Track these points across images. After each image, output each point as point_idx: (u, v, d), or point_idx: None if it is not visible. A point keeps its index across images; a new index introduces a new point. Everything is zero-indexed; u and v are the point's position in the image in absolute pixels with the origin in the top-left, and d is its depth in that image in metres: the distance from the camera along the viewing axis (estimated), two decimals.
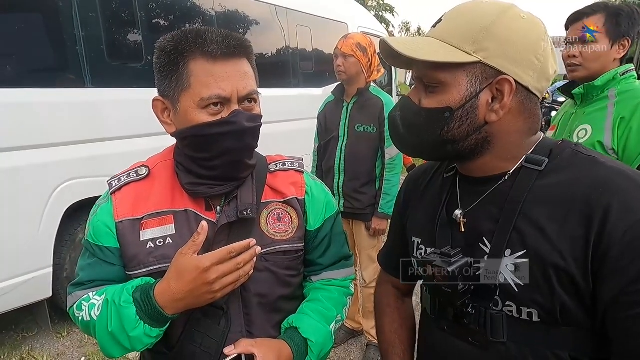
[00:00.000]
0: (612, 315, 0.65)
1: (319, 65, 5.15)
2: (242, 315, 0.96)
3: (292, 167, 1.06)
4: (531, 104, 0.74)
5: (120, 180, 0.97)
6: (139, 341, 0.87)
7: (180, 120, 0.89)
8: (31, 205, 2.64)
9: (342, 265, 1.09)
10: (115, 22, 3.14)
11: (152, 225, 0.93)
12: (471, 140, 0.74)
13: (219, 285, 0.82)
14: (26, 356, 2.83)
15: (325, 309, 1.02)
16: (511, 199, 0.73)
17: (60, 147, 2.74)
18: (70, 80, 2.85)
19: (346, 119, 2.53)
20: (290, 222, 1.00)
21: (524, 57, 0.70)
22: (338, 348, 2.86)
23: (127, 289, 0.88)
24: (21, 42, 2.61)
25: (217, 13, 3.95)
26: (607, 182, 0.67)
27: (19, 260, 2.61)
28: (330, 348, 1.02)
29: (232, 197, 0.96)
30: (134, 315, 0.85)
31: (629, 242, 0.62)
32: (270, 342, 0.94)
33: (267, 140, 4.22)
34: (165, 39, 0.89)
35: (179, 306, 0.85)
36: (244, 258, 0.82)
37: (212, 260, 0.81)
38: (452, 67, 0.71)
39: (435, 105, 0.73)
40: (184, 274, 0.82)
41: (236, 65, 0.88)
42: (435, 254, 0.77)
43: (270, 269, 0.98)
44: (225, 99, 0.86)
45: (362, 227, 2.60)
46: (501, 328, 0.73)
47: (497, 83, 0.71)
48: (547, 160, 0.73)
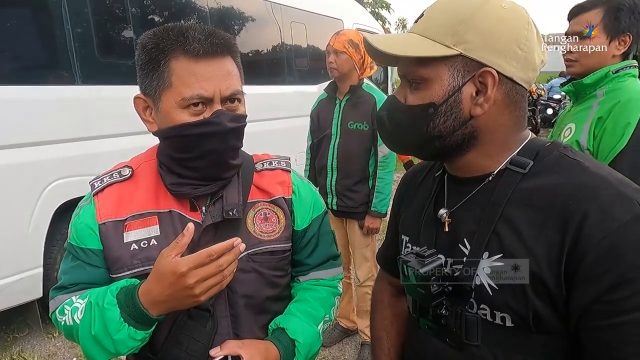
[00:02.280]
0: (584, 323, 0.64)
1: (313, 62, 5.12)
2: (228, 317, 0.95)
3: (279, 166, 1.04)
4: (517, 96, 0.73)
5: (102, 181, 0.95)
6: (123, 344, 0.84)
7: (161, 119, 0.88)
8: (21, 204, 2.61)
9: (330, 265, 1.08)
10: (106, 19, 3.10)
11: (136, 226, 0.91)
12: (458, 135, 0.73)
13: (199, 289, 0.79)
14: (17, 357, 2.80)
15: (313, 309, 1.01)
16: (493, 201, 0.72)
17: (50, 145, 2.71)
18: (61, 77, 2.82)
19: (339, 117, 2.51)
20: (277, 221, 0.99)
21: (505, 47, 0.69)
22: (332, 347, 2.85)
23: (110, 291, 0.86)
24: (10, 39, 2.57)
25: (210, 9, 3.92)
26: (587, 187, 0.65)
27: (8, 260, 2.58)
28: (318, 348, 1.01)
29: (217, 197, 0.94)
30: (118, 317, 0.83)
31: (606, 249, 0.61)
32: (257, 343, 0.93)
33: (263, 138, 4.20)
34: (147, 36, 0.87)
35: (162, 308, 0.83)
36: (226, 259, 0.79)
37: (189, 265, 0.77)
38: (434, 62, 0.70)
39: (420, 101, 0.73)
40: (162, 277, 0.80)
41: (219, 64, 0.86)
42: (411, 254, 0.77)
43: (257, 270, 0.96)
44: (207, 99, 0.84)
45: (355, 226, 2.58)
46: (475, 331, 0.73)
47: (479, 76, 0.69)
48: (532, 163, 0.72)
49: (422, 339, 0.83)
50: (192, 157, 0.88)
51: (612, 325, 0.61)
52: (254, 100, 4.44)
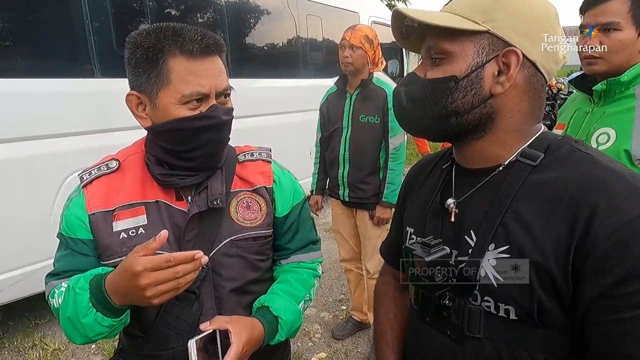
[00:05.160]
0: (590, 318, 0.63)
1: (329, 56, 5.11)
2: (213, 299, 1.00)
3: (260, 157, 1.10)
4: (537, 84, 0.73)
5: (91, 174, 1.00)
6: (91, 329, 0.87)
7: (158, 114, 0.92)
8: (42, 194, 2.68)
9: (309, 249, 1.15)
10: (125, 13, 3.14)
11: (125, 216, 0.96)
12: (475, 113, 0.72)
13: (151, 292, 0.79)
14: (38, 343, 2.89)
15: (294, 289, 1.07)
16: (501, 193, 0.72)
17: (71, 137, 2.78)
18: (81, 70, 2.87)
19: (350, 110, 2.52)
20: (259, 209, 1.05)
21: (533, 31, 0.70)
22: (346, 340, 2.87)
23: (84, 277, 0.90)
24: (33, 34, 2.63)
25: (227, 3, 3.94)
26: (598, 181, 0.64)
27: (30, 249, 2.65)
28: (299, 325, 1.08)
29: (202, 187, 1.00)
30: (87, 301, 0.86)
31: (614, 244, 0.60)
32: (244, 319, 0.97)
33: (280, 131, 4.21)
34: (141, 35, 0.90)
35: (122, 300, 0.85)
36: (183, 267, 0.79)
37: (145, 265, 0.77)
38: (461, 37, 0.71)
39: (441, 74, 0.73)
40: (123, 271, 0.81)
41: (212, 63, 0.91)
42: (417, 243, 0.78)
43: (241, 254, 1.02)
44: (205, 94, 0.90)
45: (366, 217, 2.59)
46: (478, 323, 0.72)
47: (503, 55, 0.70)
48: (543, 156, 0.71)
49: (424, 332, 0.83)
50: (190, 149, 0.93)
51: (619, 320, 0.60)
52: (271, 93, 4.45)
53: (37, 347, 2.85)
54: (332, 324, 3.07)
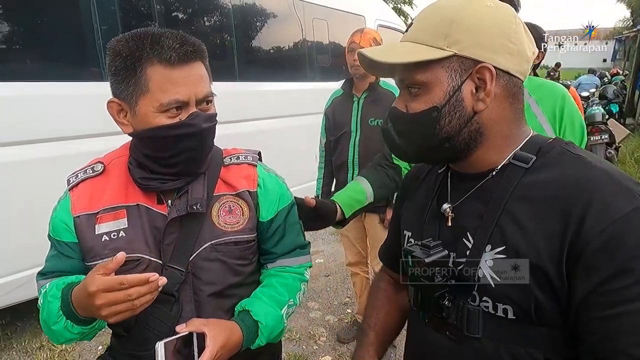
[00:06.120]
0: (582, 314, 0.64)
1: (335, 59, 5.12)
2: (192, 302, 1.00)
3: (246, 161, 1.09)
4: (515, 88, 0.75)
5: (77, 177, 1.02)
6: (61, 335, 0.92)
7: (138, 122, 0.92)
8: (57, 195, 2.68)
9: (297, 254, 1.13)
10: (132, 16, 3.16)
11: (107, 219, 0.98)
12: (465, 133, 0.74)
13: (106, 311, 0.80)
14: (46, 344, 2.91)
15: (278, 294, 1.06)
16: (496, 195, 0.73)
17: (80, 140, 2.79)
18: (92, 74, 2.90)
19: (358, 114, 2.51)
20: (242, 214, 1.04)
21: (497, 42, 0.71)
22: (351, 343, 2.86)
23: (57, 285, 0.93)
24: (43, 38, 2.66)
25: (233, 6, 3.96)
26: (589, 180, 0.66)
27: (40, 250, 2.66)
28: (280, 330, 1.07)
29: (183, 191, 0.99)
30: (57, 309, 0.89)
31: (605, 240, 0.61)
32: (222, 322, 0.97)
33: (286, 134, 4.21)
34: (120, 43, 0.90)
35: (85, 313, 0.86)
36: (136, 290, 0.79)
37: (98, 286, 0.79)
38: (431, 66, 0.72)
39: (422, 107, 0.74)
40: (82, 289, 0.83)
41: (192, 70, 0.91)
42: (416, 245, 0.79)
43: (221, 259, 1.01)
44: (183, 102, 0.90)
45: (375, 220, 2.58)
46: (477, 323, 0.74)
47: (477, 72, 0.71)
48: (535, 158, 0.73)
49: (423, 333, 0.84)
50: (170, 156, 0.94)
51: (611, 315, 0.61)
52: (277, 96, 4.45)
53: (44, 348, 2.87)
54: (337, 327, 3.06)
